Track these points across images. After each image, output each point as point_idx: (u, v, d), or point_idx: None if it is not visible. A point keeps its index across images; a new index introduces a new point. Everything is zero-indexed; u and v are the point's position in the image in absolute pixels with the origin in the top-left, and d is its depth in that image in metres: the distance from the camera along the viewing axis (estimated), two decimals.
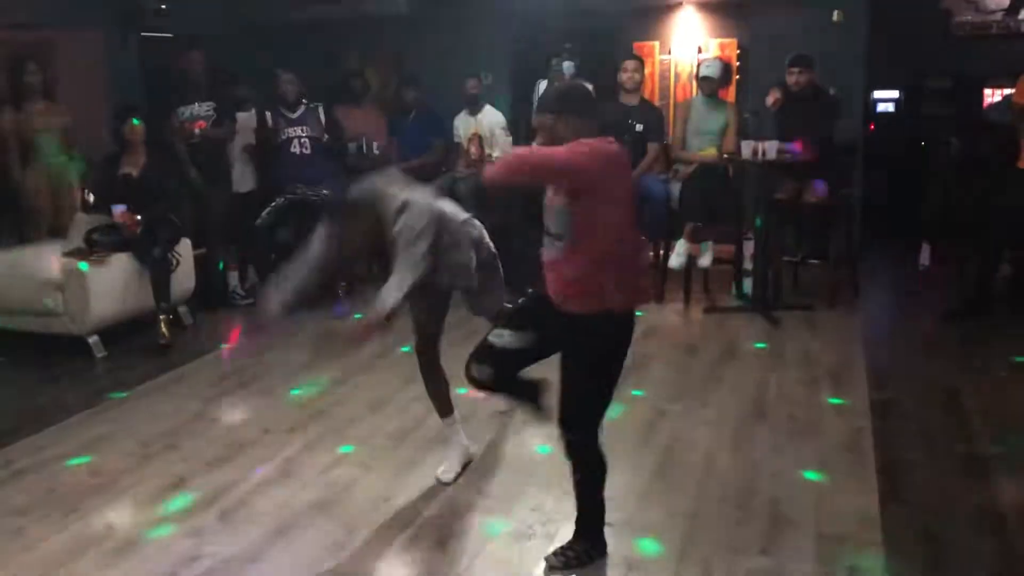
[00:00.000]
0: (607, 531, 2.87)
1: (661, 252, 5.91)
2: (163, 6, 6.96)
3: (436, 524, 3.10)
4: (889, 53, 7.24)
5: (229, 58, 6.65)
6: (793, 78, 5.66)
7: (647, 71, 7.36)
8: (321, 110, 6.31)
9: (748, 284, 5.82)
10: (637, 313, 2.73)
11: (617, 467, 2.92)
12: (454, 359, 3.29)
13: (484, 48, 7.20)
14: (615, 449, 2.91)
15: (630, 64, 6.05)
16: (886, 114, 8.14)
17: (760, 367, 4.64)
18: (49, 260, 5.21)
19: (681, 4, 7.24)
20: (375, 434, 3.91)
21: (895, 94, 8.10)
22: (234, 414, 4.23)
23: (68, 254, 5.17)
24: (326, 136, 6.29)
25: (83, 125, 6.07)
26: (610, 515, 2.88)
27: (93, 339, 5.09)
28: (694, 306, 5.79)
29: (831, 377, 4.44)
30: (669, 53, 7.44)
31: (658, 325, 5.45)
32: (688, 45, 7.34)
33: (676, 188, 5.93)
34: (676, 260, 5.84)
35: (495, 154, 6.22)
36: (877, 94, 8.00)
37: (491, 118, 6.57)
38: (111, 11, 6.90)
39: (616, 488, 2.97)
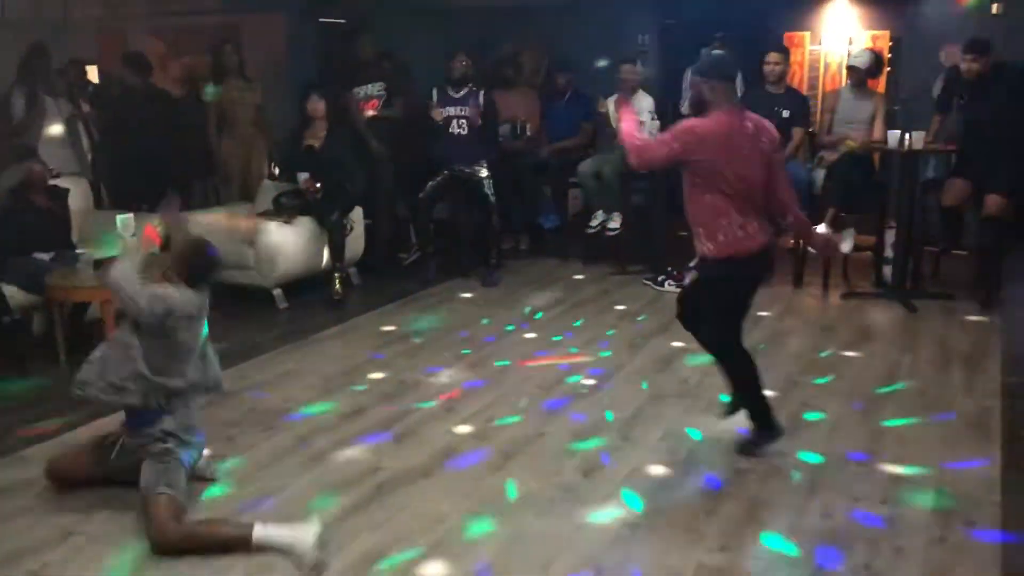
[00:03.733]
0: None
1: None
2: None
3: (583, 456, 3.49)
4: None
5: (394, 42, 7.24)
6: (966, 66, 5.37)
7: (796, 60, 7.51)
8: (481, 95, 6.45)
9: (888, 272, 5.92)
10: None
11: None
12: None
13: (634, 35, 7.49)
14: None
15: (773, 56, 6.15)
16: None
17: (894, 348, 4.79)
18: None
19: None
20: (526, 384, 4.34)
21: None
22: (400, 359, 4.74)
23: (259, 215, 5.85)
24: (479, 121, 6.38)
25: (268, 101, 6.81)
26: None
27: (277, 291, 5.74)
28: (832, 291, 5.94)
29: (964, 361, 4.55)
30: (820, 44, 7.54)
31: (795, 307, 5.65)
32: (839, 36, 7.42)
33: (820, 175, 6.07)
34: None
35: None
36: None
37: (640, 102, 6.84)
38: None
39: None
